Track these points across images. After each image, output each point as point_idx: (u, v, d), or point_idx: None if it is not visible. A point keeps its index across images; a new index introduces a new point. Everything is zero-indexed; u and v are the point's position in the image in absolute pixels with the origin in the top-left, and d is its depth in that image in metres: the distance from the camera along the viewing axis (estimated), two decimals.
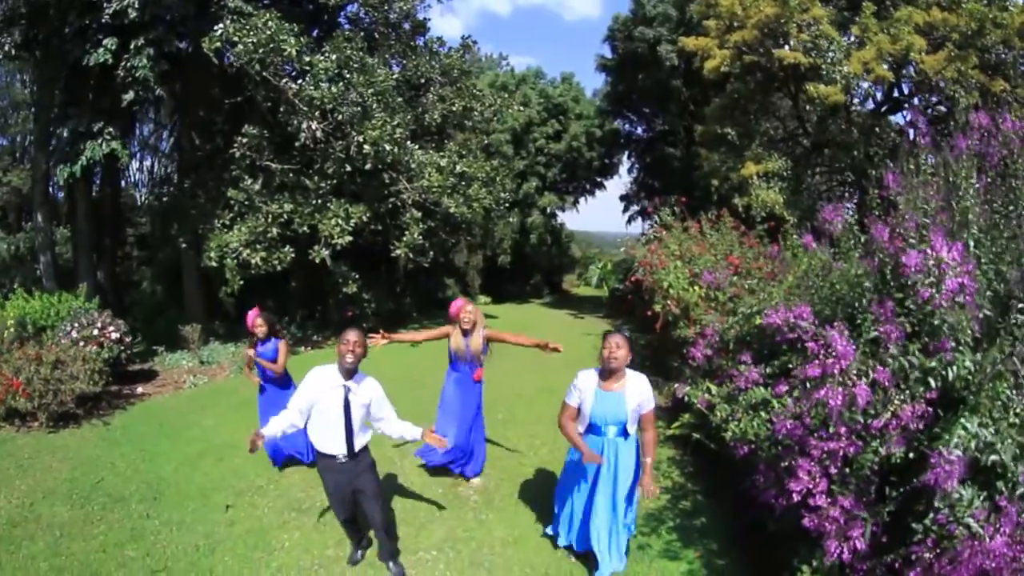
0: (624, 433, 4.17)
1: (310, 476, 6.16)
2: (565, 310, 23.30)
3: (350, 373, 3.98)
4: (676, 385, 4.58)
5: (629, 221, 29.18)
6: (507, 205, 18.37)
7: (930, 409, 2.95)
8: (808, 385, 3.42)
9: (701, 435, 5.23)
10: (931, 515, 2.89)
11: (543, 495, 5.54)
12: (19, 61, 16.33)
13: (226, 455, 6.74)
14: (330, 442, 4.01)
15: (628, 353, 4.03)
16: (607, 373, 4.10)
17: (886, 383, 3.06)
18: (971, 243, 3.57)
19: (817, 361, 3.25)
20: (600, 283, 26.59)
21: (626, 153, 30.36)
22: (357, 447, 4.03)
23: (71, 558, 4.54)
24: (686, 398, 4.39)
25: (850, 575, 3.21)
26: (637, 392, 4.09)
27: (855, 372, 3.16)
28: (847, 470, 3.19)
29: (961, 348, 3.08)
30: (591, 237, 43.17)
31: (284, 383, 6.23)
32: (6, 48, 12.09)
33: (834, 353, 3.18)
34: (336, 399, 3.94)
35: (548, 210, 29.52)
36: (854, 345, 3.24)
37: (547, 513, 5.14)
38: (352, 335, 3.94)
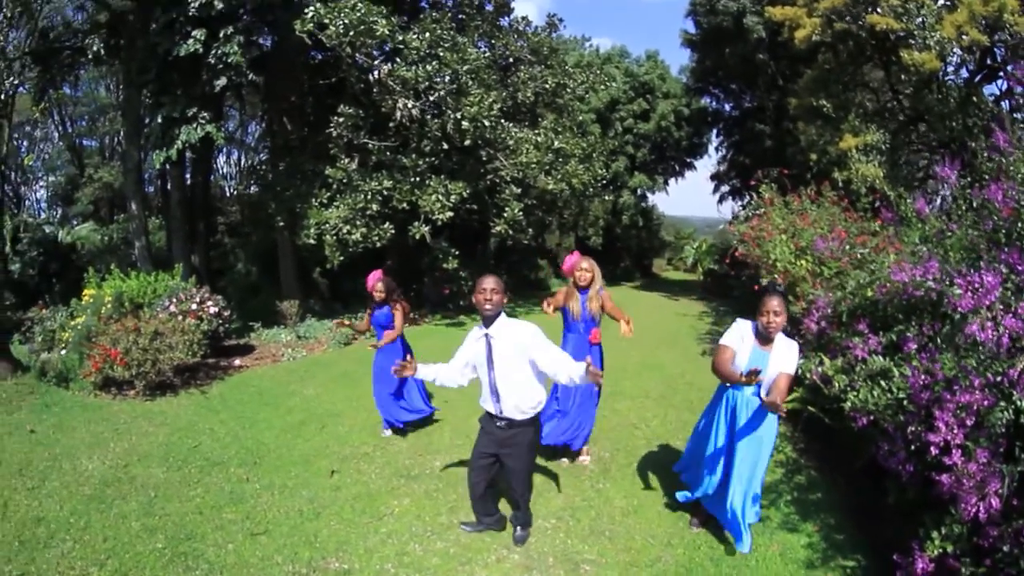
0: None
1: (418, 443, 5.81)
2: (658, 292, 22.30)
3: (491, 320, 3.67)
4: None
5: (720, 200, 27.82)
6: (603, 182, 17.89)
7: None
8: (936, 342, 3.36)
9: (816, 409, 5.06)
10: None
11: (660, 466, 5.29)
12: (105, 66, 16.92)
13: (329, 423, 6.36)
14: (485, 398, 3.79)
15: (785, 318, 3.74)
16: (764, 338, 3.80)
17: (1019, 331, 2.96)
18: None
19: (970, 294, 3.16)
20: (694, 265, 25.30)
21: (714, 131, 28.92)
22: (507, 408, 3.70)
23: (165, 518, 4.16)
24: (798, 371, 4.10)
25: (980, 542, 3.04)
26: (783, 359, 3.73)
27: (1000, 307, 3.09)
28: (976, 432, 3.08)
29: None
30: (679, 222, 41.55)
31: (399, 348, 5.86)
32: (91, 53, 12.52)
33: (983, 288, 3.11)
34: (481, 349, 3.73)
35: (639, 191, 28.31)
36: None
37: (666, 484, 4.92)
38: (488, 282, 3.65)
